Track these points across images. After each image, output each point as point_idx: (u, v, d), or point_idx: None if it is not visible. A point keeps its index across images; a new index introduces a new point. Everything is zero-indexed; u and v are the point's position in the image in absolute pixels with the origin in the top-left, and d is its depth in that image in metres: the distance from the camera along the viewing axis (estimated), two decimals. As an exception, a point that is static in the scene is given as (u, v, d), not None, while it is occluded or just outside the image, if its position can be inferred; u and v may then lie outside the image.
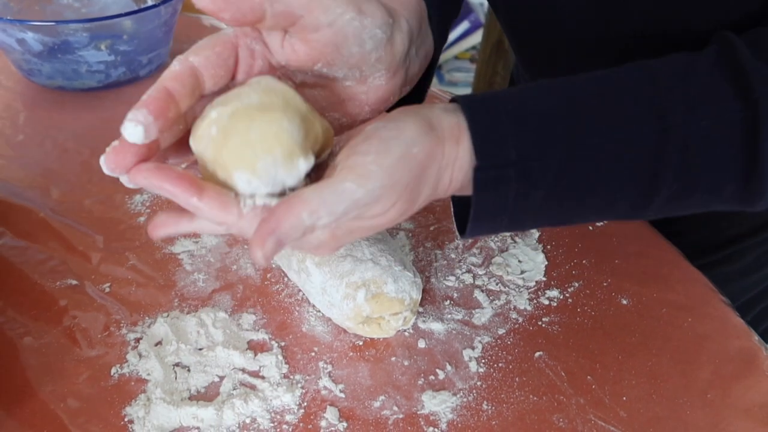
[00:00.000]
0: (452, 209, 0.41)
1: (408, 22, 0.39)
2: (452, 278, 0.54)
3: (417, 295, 0.47)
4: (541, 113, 0.36)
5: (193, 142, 0.34)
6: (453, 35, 2.34)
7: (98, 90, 0.75)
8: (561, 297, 0.54)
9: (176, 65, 0.34)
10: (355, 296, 0.45)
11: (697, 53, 0.38)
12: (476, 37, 2.29)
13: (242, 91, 0.34)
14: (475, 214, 0.37)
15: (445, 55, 2.40)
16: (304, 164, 0.33)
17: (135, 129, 0.32)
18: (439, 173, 0.36)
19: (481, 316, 0.51)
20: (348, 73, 0.38)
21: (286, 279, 0.53)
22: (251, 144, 0.32)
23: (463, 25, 2.31)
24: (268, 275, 0.53)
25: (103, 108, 0.74)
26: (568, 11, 0.52)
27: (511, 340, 0.49)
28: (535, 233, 0.60)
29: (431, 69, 0.46)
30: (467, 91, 1.94)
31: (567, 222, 0.41)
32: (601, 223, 0.61)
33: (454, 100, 0.38)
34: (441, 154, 0.35)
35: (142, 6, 0.85)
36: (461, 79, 2.38)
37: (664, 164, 0.36)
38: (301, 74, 0.38)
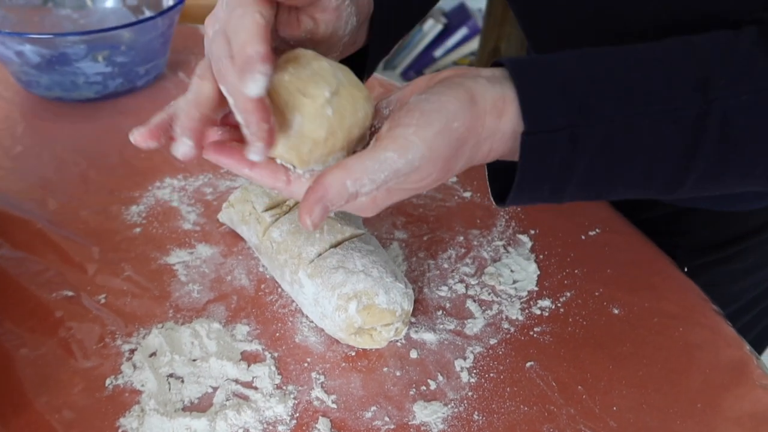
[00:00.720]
0: (488, 179, 0.43)
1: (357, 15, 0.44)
2: (445, 288, 0.55)
3: (408, 306, 0.48)
4: (588, 82, 0.38)
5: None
6: (451, 41, 2.35)
7: (96, 101, 0.76)
8: (553, 307, 0.54)
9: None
10: (347, 308, 0.46)
11: (738, 31, 0.39)
12: (474, 44, 2.29)
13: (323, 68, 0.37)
14: (520, 179, 0.38)
15: (444, 61, 2.40)
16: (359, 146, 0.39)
17: (184, 151, 0.37)
18: (477, 145, 0.38)
19: (473, 326, 0.51)
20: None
21: (279, 289, 0.53)
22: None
23: (462, 32, 2.32)
24: (262, 285, 0.54)
25: (100, 118, 0.74)
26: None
27: (502, 350, 0.50)
28: (528, 243, 0.60)
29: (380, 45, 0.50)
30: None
31: (605, 195, 0.42)
32: (594, 233, 0.62)
33: (499, 63, 0.39)
34: (481, 127, 0.37)
35: (140, 17, 0.86)
36: (460, 84, 2.39)
37: (705, 136, 0.37)
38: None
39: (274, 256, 0.51)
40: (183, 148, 0.36)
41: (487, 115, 0.37)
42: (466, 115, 0.36)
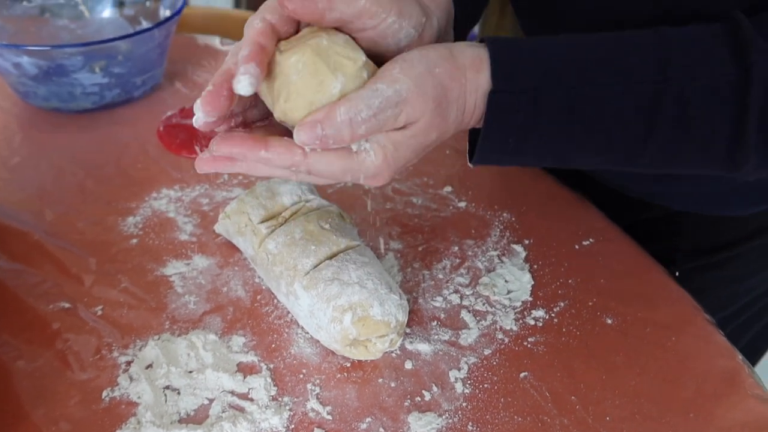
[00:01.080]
0: (468, 139, 0.45)
1: (438, 20, 0.44)
2: (439, 299, 0.55)
3: (403, 318, 0.48)
4: (556, 55, 0.41)
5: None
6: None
7: (93, 111, 0.77)
8: (547, 317, 0.54)
9: (258, 23, 0.38)
10: (342, 319, 0.46)
11: (707, 25, 0.42)
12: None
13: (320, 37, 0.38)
14: (484, 134, 0.41)
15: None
16: None
17: (248, 82, 0.36)
18: (464, 96, 0.40)
19: (468, 337, 0.52)
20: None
21: (275, 301, 0.54)
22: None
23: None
24: (258, 297, 0.54)
25: (98, 129, 0.75)
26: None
27: (496, 360, 0.50)
28: (522, 253, 0.61)
29: None
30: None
31: (567, 160, 0.45)
32: (587, 242, 0.62)
33: (482, 40, 0.42)
34: (463, 78, 0.40)
35: (137, 27, 0.86)
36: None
37: (661, 112, 0.40)
38: None
39: (269, 267, 0.51)
40: (249, 75, 0.36)
41: (467, 69, 0.40)
42: (446, 64, 0.39)
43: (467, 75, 0.40)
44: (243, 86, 0.36)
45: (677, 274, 0.69)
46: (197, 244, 0.59)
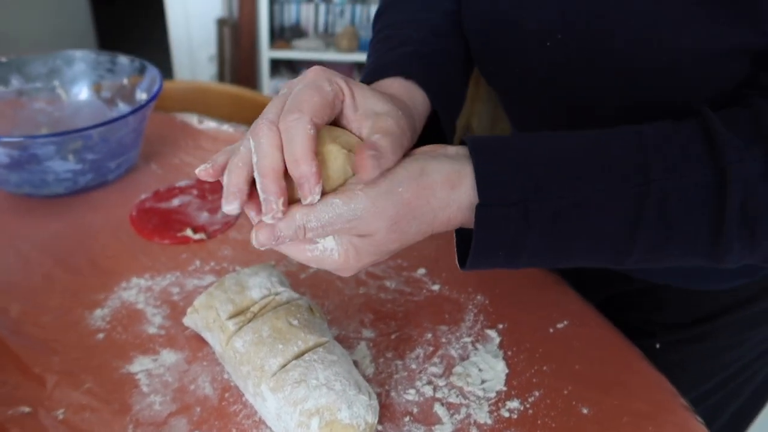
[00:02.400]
0: (455, 242, 0.46)
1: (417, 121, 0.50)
2: (412, 391, 0.54)
3: (373, 419, 0.47)
4: (540, 163, 0.42)
5: None
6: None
7: (66, 196, 0.76)
8: (522, 408, 0.53)
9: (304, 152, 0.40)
10: (309, 424, 0.45)
11: (680, 122, 0.43)
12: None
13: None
14: (475, 248, 0.42)
15: (422, 128, 2.45)
16: None
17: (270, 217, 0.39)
18: (432, 213, 0.42)
19: (441, 433, 0.51)
20: None
21: (244, 398, 0.52)
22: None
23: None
24: (226, 394, 0.53)
25: (70, 214, 0.75)
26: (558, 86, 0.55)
27: (471, 458, 0.49)
28: (496, 339, 0.60)
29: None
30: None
31: (559, 263, 0.46)
32: (562, 325, 0.62)
33: (463, 141, 0.44)
34: (431, 196, 0.41)
35: (114, 109, 0.87)
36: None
37: (644, 219, 0.41)
38: None
39: (237, 366, 0.50)
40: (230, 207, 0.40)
41: (438, 187, 0.42)
42: (412, 183, 0.41)
43: (437, 193, 0.41)
44: (312, 200, 0.39)
45: (658, 346, 0.69)
46: (166, 337, 0.58)
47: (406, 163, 0.42)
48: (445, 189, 0.42)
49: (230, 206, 0.40)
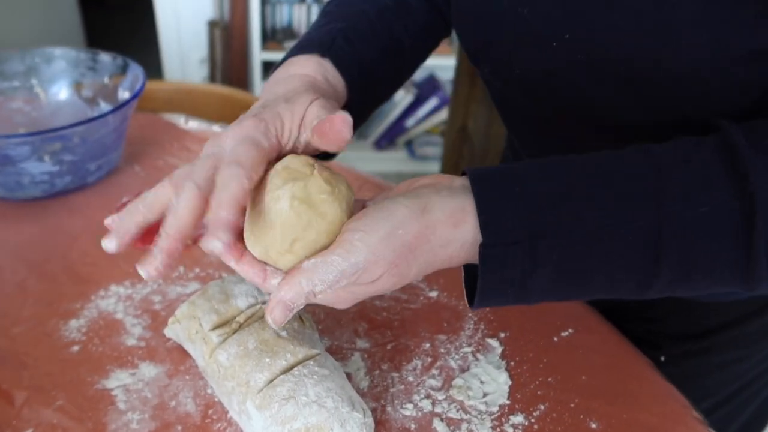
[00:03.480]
0: (463, 278, 0.44)
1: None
2: (410, 406, 0.51)
3: (367, 438, 0.43)
4: (546, 195, 0.39)
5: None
6: (422, 111, 2.38)
7: (43, 199, 0.73)
8: (526, 423, 0.50)
9: (236, 186, 0.38)
10: (299, 444, 0.41)
11: (697, 140, 0.39)
12: (444, 113, 2.33)
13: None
14: (482, 288, 0.40)
15: (416, 131, 2.43)
16: None
17: (217, 246, 0.38)
18: (432, 252, 0.39)
19: (441, 452, 0.47)
20: None
21: (229, 416, 0.49)
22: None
23: (432, 102, 2.36)
24: (210, 411, 0.49)
25: (47, 218, 0.71)
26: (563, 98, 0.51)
27: (473, 479, 0.46)
28: (498, 348, 0.57)
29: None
30: (437, 166, 1.95)
31: (572, 298, 0.44)
32: (566, 333, 0.59)
33: (465, 172, 0.42)
34: (432, 235, 0.39)
35: (95, 108, 0.83)
36: (431, 153, 2.41)
37: (663, 249, 0.38)
38: None
39: (221, 381, 0.46)
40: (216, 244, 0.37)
41: (440, 225, 0.39)
42: (413, 224, 0.39)
43: (438, 231, 0.39)
44: (215, 246, 0.37)
45: (663, 359, 0.66)
46: (145, 349, 0.54)
47: (407, 199, 0.40)
48: (448, 227, 0.39)
49: (110, 244, 0.40)
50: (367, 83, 0.54)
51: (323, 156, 0.52)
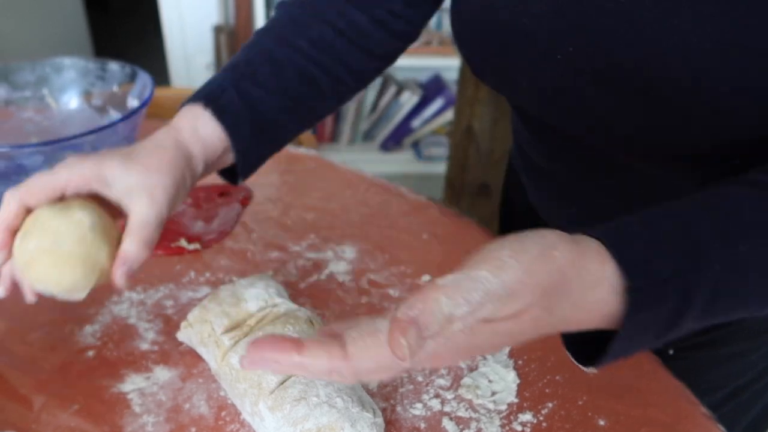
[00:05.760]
0: (563, 342, 0.38)
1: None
2: (419, 405, 0.51)
3: (378, 438, 0.44)
4: (675, 233, 0.34)
5: None
6: (428, 112, 2.39)
7: (56, 206, 0.74)
8: (535, 421, 0.51)
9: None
10: (311, 444, 0.42)
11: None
12: (450, 113, 2.33)
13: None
14: (624, 336, 0.33)
15: (422, 132, 2.43)
16: None
17: None
18: (582, 292, 0.33)
19: (451, 450, 0.48)
20: None
21: (241, 417, 0.49)
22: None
23: (438, 102, 2.36)
24: (223, 413, 0.50)
25: (60, 225, 0.72)
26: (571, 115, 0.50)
27: (482, 476, 0.46)
28: (506, 348, 0.57)
29: None
30: (443, 167, 1.95)
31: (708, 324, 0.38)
32: (574, 332, 0.59)
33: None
34: (584, 268, 0.33)
35: (105, 117, 0.85)
36: (438, 153, 2.41)
37: None
38: None
39: (233, 384, 0.47)
40: None
41: (590, 256, 0.33)
42: (568, 246, 0.33)
43: (588, 264, 0.33)
44: None
45: (671, 352, 0.66)
46: (159, 353, 0.55)
47: (546, 231, 0.34)
48: (597, 261, 0.33)
49: None
50: (262, 132, 0.54)
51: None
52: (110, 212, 0.47)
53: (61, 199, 0.45)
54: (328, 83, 0.57)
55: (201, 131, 0.51)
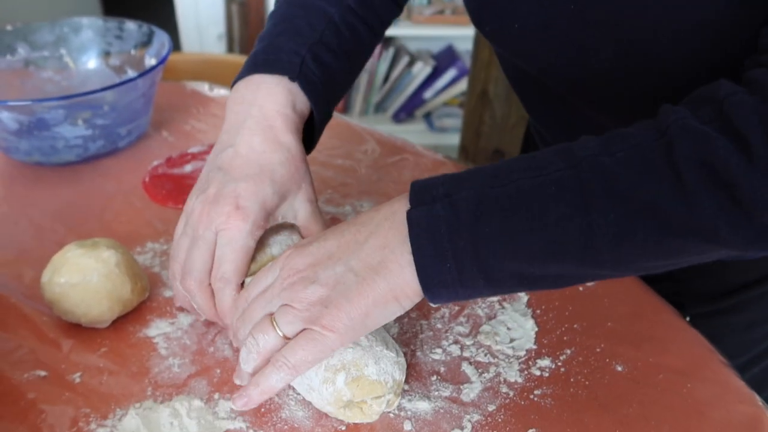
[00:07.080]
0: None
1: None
2: (439, 350, 0.52)
3: (400, 376, 0.45)
4: (469, 171, 0.41)
5: None
6: (441, 82, 2.37)
7: (77, 163, 0.75)
8: (553, 366, 0.51)
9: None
10: (335, 380, 0.43)
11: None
12: (463, 84, 2.31)
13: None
14: (416, 259, 0.39)
15: (434, 103, 2.42)
16: None
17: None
18: (382, 216, 0.42)
19: (470, 392, 0.49)
20: None
21: (265, 359, 0.51)
22: None
23: (451, 73, 2.34)
24: (247, 356, 0.51)
25: (81, 181, 0.73)
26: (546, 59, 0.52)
27: (502, 416, 0.47)
28: (524, 297, 0.58)
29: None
30: (456, 138, 1.94)
31: (525, 280, 0.39)
32: (592, 284, 0.59)
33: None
34: (375, 211, 0.43)
35: (123, 76, 0.85)
36: (450, 125, 2.40)
37: (587, 191, 0.36)
38: None
39: (257, 325, 0.48)
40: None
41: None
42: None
43: (381, 207, 0.43)
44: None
45: (688, 319, 0.67)
46: (183, 300, 0.56)
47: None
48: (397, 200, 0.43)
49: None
50: (332, 97, 0.56)
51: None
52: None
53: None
54: (369, 37, 0.60)
55: (298, 107, 0.53)
